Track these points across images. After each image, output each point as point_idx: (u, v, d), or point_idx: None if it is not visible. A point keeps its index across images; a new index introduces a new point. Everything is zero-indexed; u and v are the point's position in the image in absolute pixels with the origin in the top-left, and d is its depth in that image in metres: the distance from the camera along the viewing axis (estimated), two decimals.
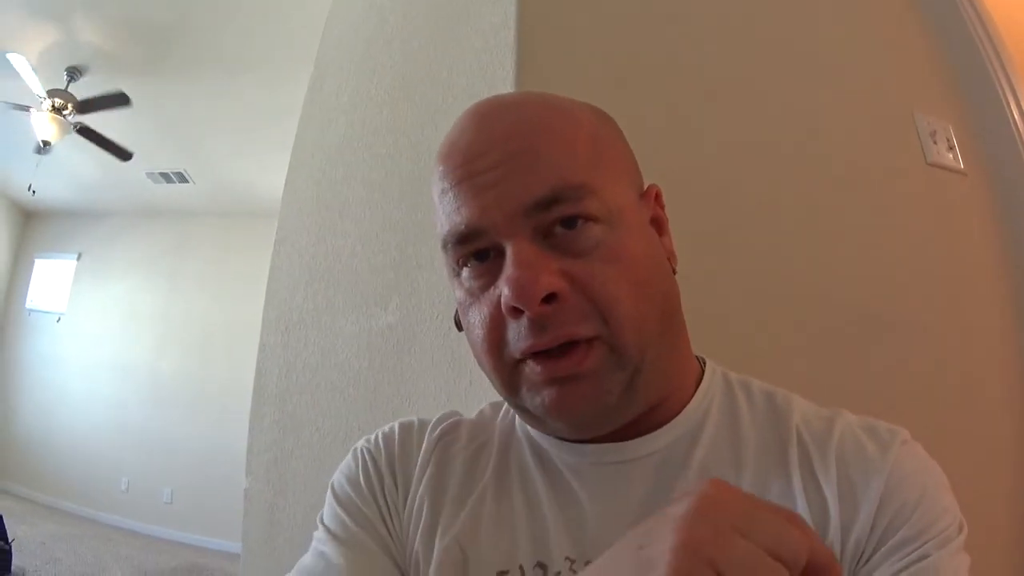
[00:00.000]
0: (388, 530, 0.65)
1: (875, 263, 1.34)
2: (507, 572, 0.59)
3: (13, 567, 4.73)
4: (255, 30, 4.04)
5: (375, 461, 0.69)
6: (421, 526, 0.64)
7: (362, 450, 0.71)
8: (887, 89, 1.56)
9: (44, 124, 4.68)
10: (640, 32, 1.24)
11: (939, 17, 1.81)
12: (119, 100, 4.59)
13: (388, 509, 0.66)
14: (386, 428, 0.73)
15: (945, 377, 1.36)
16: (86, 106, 4.67)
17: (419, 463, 0.68)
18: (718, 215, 1.18)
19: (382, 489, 0.67)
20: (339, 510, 0.67)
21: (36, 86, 4.42)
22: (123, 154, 5.18)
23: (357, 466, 0.69)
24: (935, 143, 1.55)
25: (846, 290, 1.29)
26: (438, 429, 0.71)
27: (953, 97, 1.72)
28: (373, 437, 0.72)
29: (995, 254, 1.60)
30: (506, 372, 0.58)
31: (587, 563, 0.56)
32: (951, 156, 1.58)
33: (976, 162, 1.64)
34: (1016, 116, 1.71)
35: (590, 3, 1.21)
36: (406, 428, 0.72)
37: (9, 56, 4.18)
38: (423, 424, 0.72)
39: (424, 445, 0.69)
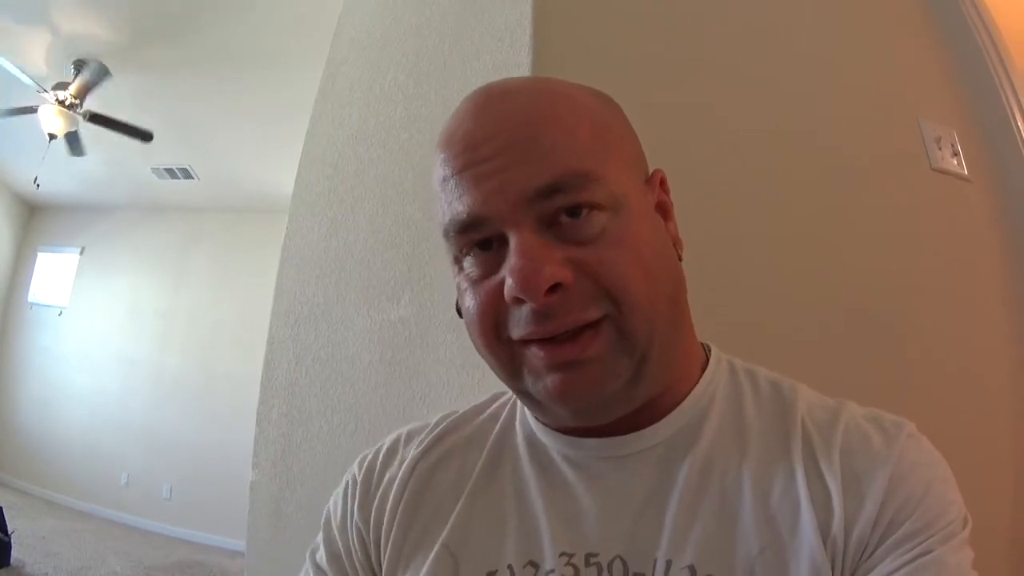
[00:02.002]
0: (356, 565, 0.68)
1: (880, 266, 1.35)
2: (495, 572, 0.59)
3: (12, 560, 4.75)
4: (263, 26, 4.05)
5: (352, 495, 0.71)
6: (403, 552, 0.65)
7: (347, 481, 0.73)
8: (892, 95, 1.57)
9: (50, 117, 4.68)
10: (653, 31, 1.26)
11: (943, 24, 1.82)
12: (141, 134, 4.64)
13: (357, 545, 0.69)
14: (370, 453, 0.75)
15: (948, 378, 1.36)
16: (102, 120, 4.70)
17: (394, 491, 0.68)
18: (725, 216, 1.19)
19: (354, 526, 0.70)
20: (321, 537, 0.72)
21: (28, 81, 4.43)
22: (143, 135, 5.05)
23: (339, 496, 0.73)
24: (940, 149, 1.56)
25: (851, 291, 1.30)
26: (426, 441, 0.71)
27: (957, 103, 1.73)
28: (358, 465, 0.74)
29: (999, 259, 1.60)
30: (504, 354, 0.57)
31: (587, 556, 0.57)
32: (955, 162, 1.58)
33: (980, 168, 1.65)
34: (1020, 122, 1.72)
35: (605, 0, 1.22)
36: (391, 451, 0.73)
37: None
38: (410, 438, 0.73)
39: (403, 467, 0.69)
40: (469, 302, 0.58)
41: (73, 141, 5.17)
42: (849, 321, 1.27)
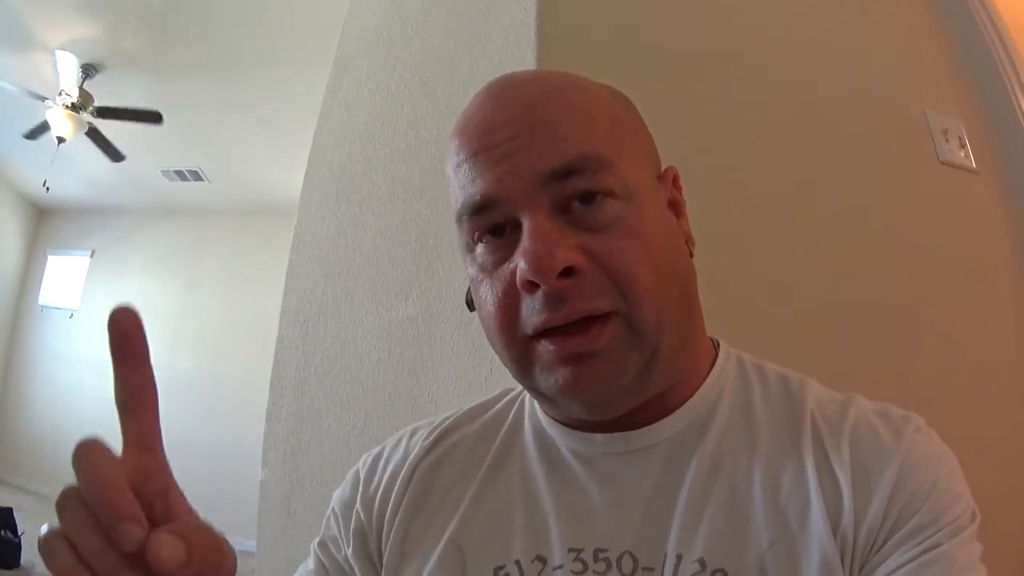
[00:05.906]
0: (353, 558, 0.68)
1: (888, 259, 1.35)
2: (503, 567, 0.59)
3: (23, 561, 4.78)
4: (274, 28, 4.06)
5: (355, 488, 0.71)
6: (406, 545, 0.64)
7: (352, 476, 0.73)
8: (898, 87, 1.57)
9: (60, 120, 4.70)
10: (658, 30, 1.26)
11: (949, 16, 1.82)
12: (151, 116, 4.64)
13: (356, 537, 0.69)
14: (375, 449, 0.74)
15: (957, 370, 1.36)
16: (110, 113, 4.71)
17: (398, 484, 0.68)
18: (731, 211, 1.19)
19: (355, 515, 0.69)
20: (324, 532, 0.72)
21: (70, 85, 4.45)
22: (116, 155, 5.29)
23: (344, 491, 0.73)
24: (947, 141, 1.55)
25: (859, 285, 1.30)
26: (433, 435, 0.71)
27: (964, 96, 1.72)
28: (363, 461, 0.74)
29: (1007, 252, 1.60)
30: (518, 350, 0.57)
31: (596, 551, 0.57)
32: (963, 154, 1.58)
33: (988, 160, 1.64)
34: None
35: None
36: (395, 445, 0.73)
37: (59, 53, 4.23)
38: (415, 432, 0.73)
39: (408, 460, 0.69)
40: (484, 294, 0.58)
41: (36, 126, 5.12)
42: (857, 314, 1.26)
